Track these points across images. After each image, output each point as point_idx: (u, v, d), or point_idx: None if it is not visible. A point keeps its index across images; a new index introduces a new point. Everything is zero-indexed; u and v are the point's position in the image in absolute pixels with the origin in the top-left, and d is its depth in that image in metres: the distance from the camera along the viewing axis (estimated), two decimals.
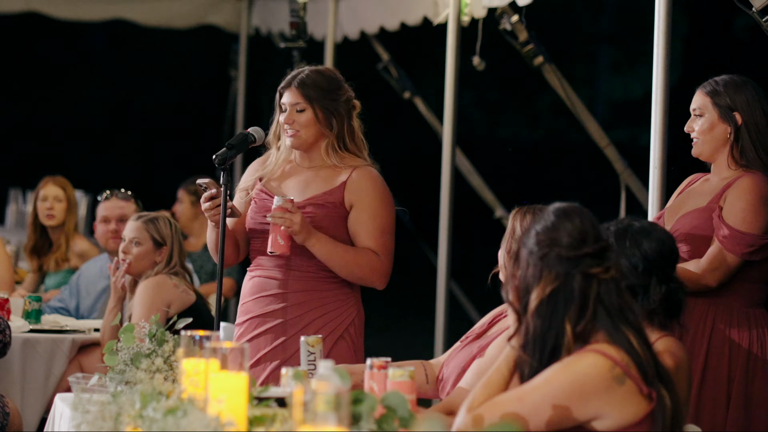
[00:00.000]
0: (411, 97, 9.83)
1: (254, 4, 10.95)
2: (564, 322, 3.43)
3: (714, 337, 4.84)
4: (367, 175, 5.26)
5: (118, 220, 7.22)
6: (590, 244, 3.46)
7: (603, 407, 3.40)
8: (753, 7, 5.41)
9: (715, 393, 4.81)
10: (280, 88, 5.30)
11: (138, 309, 6.10)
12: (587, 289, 3.45)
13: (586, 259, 3.45)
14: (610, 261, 3.48)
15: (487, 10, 7.47)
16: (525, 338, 3.49)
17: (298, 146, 5.25)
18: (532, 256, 3.49)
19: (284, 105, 5.27)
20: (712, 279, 4.83)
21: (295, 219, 5.07)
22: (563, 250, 3.45)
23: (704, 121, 4.99)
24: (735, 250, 4.80)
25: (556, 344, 3.44)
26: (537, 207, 4.37)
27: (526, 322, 3.49)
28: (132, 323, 4.31)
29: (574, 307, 3.44)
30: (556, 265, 3.45)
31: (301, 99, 5.24)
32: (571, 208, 3.53)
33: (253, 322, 5.24)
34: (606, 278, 3.46)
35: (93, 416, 3.61)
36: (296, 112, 5.24)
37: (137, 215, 6.44)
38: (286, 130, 5.25)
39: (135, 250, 6.31)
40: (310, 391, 3.10)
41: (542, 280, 3.46)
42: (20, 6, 10.50)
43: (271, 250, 5.11)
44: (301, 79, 5.27)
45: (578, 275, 3.44)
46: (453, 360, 4.45)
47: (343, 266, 5.16)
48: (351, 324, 5.24)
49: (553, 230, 3.48)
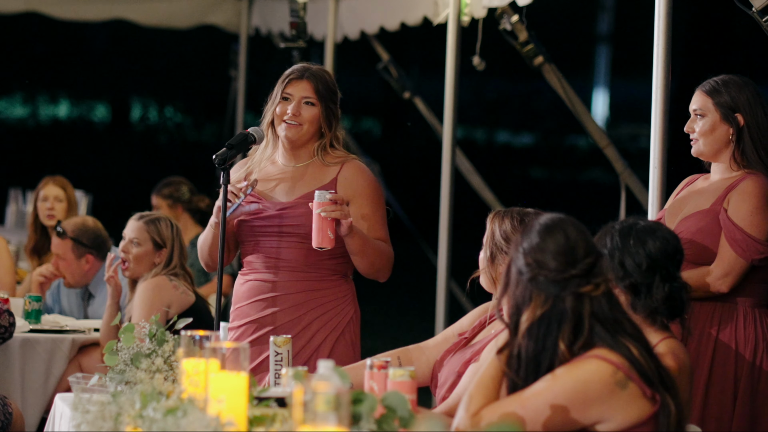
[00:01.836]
0: (411, 97, 9.82)
1: (254, 4, 10.95)
2: (557, 343, 3.42)
3: (720, 337, 4.83)
4: (358, 169, 5.22)
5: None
6: (578, 264, 3.42)
7: (606, 412, 3.39)
8: (753, 7, 5.40)
9: (722, 392, 4.81)
10: (289, 78, 5.19)
11: (138, 310, 6.09)
12: (580, 308, 3.43)
13: (574, 279, 3.43)
14: (600, 276, 3.45)
15: (487, 10, 7.46)
16: (518, 360, 3.46)
17: (294, 138, 5.17)
18: (521, 276, 3.47)
19: (290, 95, 5.18)
20: (725, 285, 4.81)
21: (346, 210, 5.00)
22: (551, 274, 3.43)
23: (706, 122, 4.96)
24: (746, 256, 4.80)
25: (551, 365, 3.42)
26: (515, 210, 4.36)
27: (517, 342, 3.47)
28: (132, 323, 4.30)
29: (567, 327, 3.41)
30: (546, 287, 3.43)
31: (312, 93, 5.17)
32: (555, 222, 3.48)
33: (251, 326, 5.21)
34: (597, 294, 3.45)
35: (93, 416, 3.60)
36: (304, 104, 5.18)
37: (139, 215, 6.41)
38: (287, 120, 5.18)
39: (134, 250, 6.29)
40: (310, 391, 3.10)
41: (532, 302, 3.44)
42: (20, 6, 10.49)
43: (320, 246, 4.95)
44: (315, 74, 5.19)
45: (569, 296, 3.42)
46: (448, 365, 4.43)
47: (372, 256, 5.12)
48: (350, 322, 5.23)
49: (539, 252, 3.44)
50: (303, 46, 8.73)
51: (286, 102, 5.18)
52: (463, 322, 4.57)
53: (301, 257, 5.16)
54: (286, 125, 5.17)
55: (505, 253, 4.28)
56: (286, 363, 4.43)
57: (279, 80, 5.24)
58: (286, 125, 5.17)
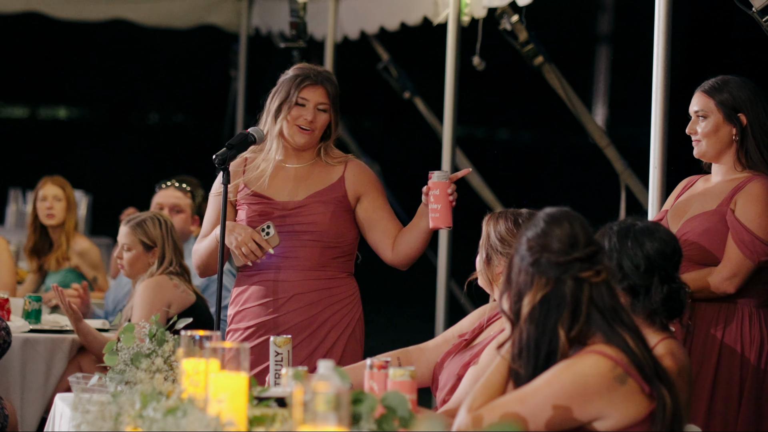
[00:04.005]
0: (411, 97, 9.82)
1: (254, 4, 10.95)
2: (557, 327, 3.44)
3: (725, 338, 4.83)
4: (361, 166, 5.31)
5: (171, 209, 7.35)
6: (580, 249, 3.46)
7: (605, 407, 3.40)
8: (753, 7, 5.40)
9: (728, 392, 4.81)
10: (303, 83, 5.17)
11: (138, 309, 6.09)
12: (579, 293, 3.45)
13: (576, 263, 3.45)
14: (601, 264, 3.48)
15: (487, 10, 7.47)
16: (519, 345, 3.49)
17: (306, 146, 5.22)
18: (523, 262, 3.50)
19: (305, 101, 5.19)
20: (732, 286, 4.81)
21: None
22: (553, 256, 3.46)
23: (708, 123, 4.95)
24: (753, 257, 4.79)
25: (550, 350, 3.44)
26: (509, 211, 4.38)
27: (519, 329, 3.49)
28: (132, 323, 4.30)
29: (566, 312, 3.44)
30: (547, 270, 3.46)
31: (326, 99, 5.19)
32: (561, 213, 3.53)
33: (261, 327, 5.20)
34: (597, 281, 3.46)
35: (93, 416, 3.60)
36: (318, 111, 5.20)
37: (127, 219, 6.43)
38: (301, 126, 5.19)
39: (126, 255, 6.33)
40: (310, 391, 3.10)
41: (534, 285, 3.47)
42: (20, 6, 10.50)
43: (448, 226, 5.05)
44: (330, 80, 5.21)
45: (569, 280, 3.45)
46: (448, 367, 4.43)
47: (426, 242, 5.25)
48: (359, 319, 5.26)
49: (544, 236, 3.48)
50: (303, 46, 8.74)
51: (301, 108, 5.18)
52: (463, 323, 4.58)
53: (315, 256, 5.17)
54: (299, 131, 5.18)
55: (501, 254, 4.30)
56: (286, 363, 4.43)
57: (290, 81, 5.20)
58: (299, 131, 5.18)
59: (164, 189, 7.48)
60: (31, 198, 8.14)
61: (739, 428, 4.79)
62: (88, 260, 7.99)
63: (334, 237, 5.18)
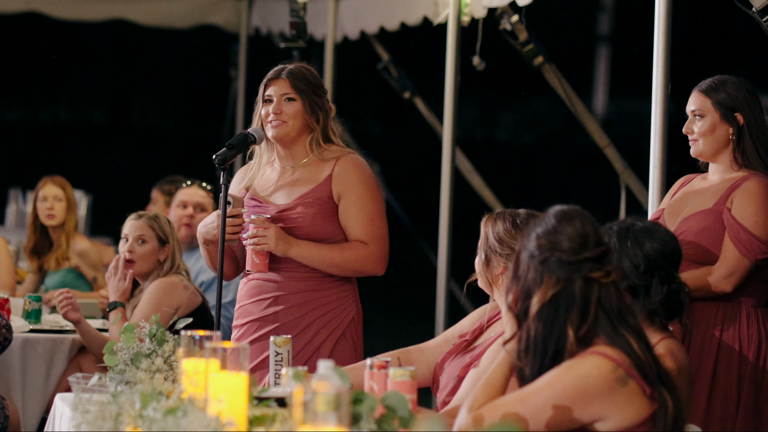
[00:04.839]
0: (411, 97, 9.82)
1: (254, 4, 10.95)
2: (566, 327, 3.42)
3: (724, 337, 4.83)
4: (352, 164, 5.24)
5: (195, 208, 7.38)
6: (591, 249, 3.44)
7: (606, 409, 3.40)
8: (753, 7, 5.40)
9: (726, 392, 4.81)
10: (266, 81, 5.28)
11: (145, 307, 6.06)
12: (588, 293, 3.44)
13: (587, 263, 3.44)
14: (611, 265, 3.47)
15: (487, 10, 7.46)
16: (526, 342, 3.48)
17: (282, 136, 5.21)
18: (532, 260, 3.47)
19: (271, 96, 5.25)
20: (729, 285, 4.81)
21: (269, 236, 5.09)
22: (564, 255, 3.44)
23: (705, 122, 4.96)
24: (750, 256, 4.80)
25: (557, 348, 3.43)
26: (506, 212, 4.37)
27: (526, 327, 3.48)
28: (132, 323, 4.30)
29: (575, 312, 3.43)
30: (557, 269, 3.44)
31: (290, 89, 5.23)
32: (572, 211, 3.51)
33: (253, 325, 5.23)
34: (606, 282, 3.45)
35: (93, 416, 3.60)
36: (285, 101, 5.23)
37: (137, 214, 6.41)
38: (271, 121, 5.23)
39: (140, 249, 6.27)
40: (310, 391, 3.10)
41: (543, 284, 3.45)
42: (20, 6, 10.49)
43: (248, 269, 5.16)
44: (291, 71, 5.27)
45: (579, 279, 3.43)
46: (448, 368, 4.43)
47: (333, 266, 5.16)
48: (351, 322, 5.24)
49: (554, 234, 3.46)
50: (303, 46, 8.74)
51: (268, 104, 5.25)
52: (464, 323, 4.58)
53: None
54: (271, 125, 5.22)
55: (500, 255, 4.29)
56: (286, 363, 4.44)
57: (261, 84, 5.31)
58: (271, 125, 5.22)
59: (188, 187, 7.51)
60: (32, 198, 8.14)
61: (738, 427, 4.79)
62: (87, 260, 7.99)
63: (322, 239, 5.18)
